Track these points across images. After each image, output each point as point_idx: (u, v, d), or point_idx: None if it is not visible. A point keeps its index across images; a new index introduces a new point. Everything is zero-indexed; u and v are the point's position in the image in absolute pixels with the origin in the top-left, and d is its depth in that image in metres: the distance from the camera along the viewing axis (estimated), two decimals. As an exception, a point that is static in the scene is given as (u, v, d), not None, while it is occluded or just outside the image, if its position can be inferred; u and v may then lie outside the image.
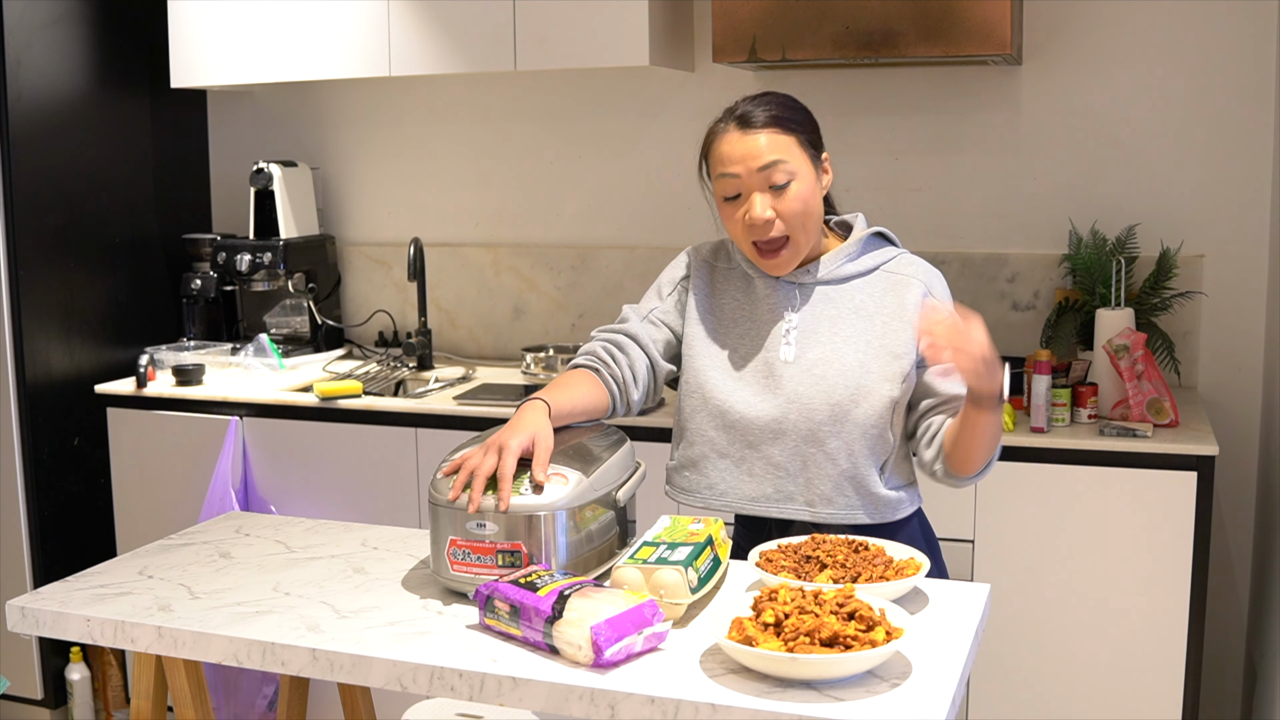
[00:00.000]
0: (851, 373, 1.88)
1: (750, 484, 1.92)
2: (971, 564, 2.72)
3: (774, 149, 1.85)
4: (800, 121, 1.89)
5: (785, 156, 1.85)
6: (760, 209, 1.84)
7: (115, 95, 3.66)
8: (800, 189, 1.86)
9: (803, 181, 1.86)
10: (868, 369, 1.88)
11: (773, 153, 1.85)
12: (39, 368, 3.41)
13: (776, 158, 1.84)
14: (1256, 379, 3.08)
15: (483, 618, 1.59)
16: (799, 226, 1.87)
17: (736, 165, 1.86)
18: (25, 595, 1.76)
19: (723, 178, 1.88)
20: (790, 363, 1.90)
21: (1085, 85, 3.14)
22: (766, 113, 1.87)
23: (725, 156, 1.87)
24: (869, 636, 1.42)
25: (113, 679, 3.56)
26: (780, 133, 1.86)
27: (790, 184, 1.85)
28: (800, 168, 1.86)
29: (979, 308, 3.25)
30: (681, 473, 2.00)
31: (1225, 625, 3.15)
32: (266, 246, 3.60)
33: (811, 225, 1.89)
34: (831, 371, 1.88)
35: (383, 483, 3.14)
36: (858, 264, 1.95)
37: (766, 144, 1.85)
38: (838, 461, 1.88)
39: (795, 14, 2.90)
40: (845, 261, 1.95)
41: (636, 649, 1.48)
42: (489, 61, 3.24)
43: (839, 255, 1.95)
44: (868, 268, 1.95)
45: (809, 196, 1.87)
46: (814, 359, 1.89)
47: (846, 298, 1.93)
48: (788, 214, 1.85)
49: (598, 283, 3.61)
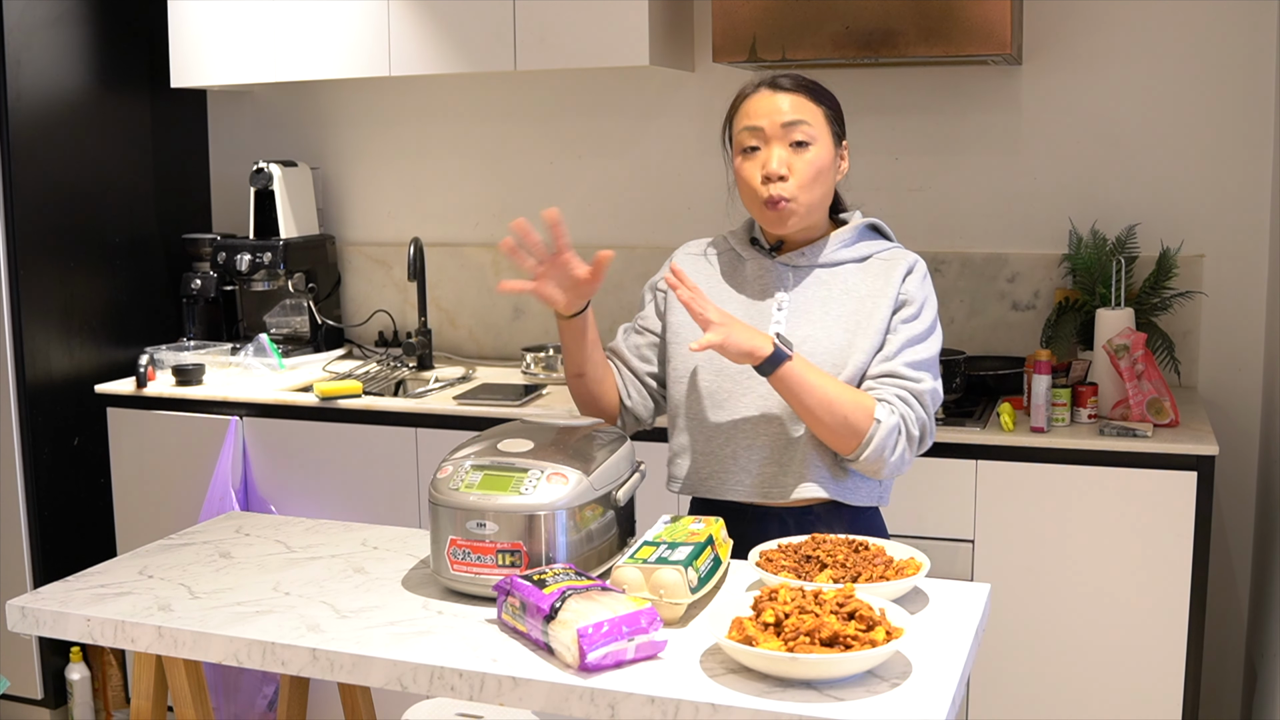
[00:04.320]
0: (839, 350, 1.90)
1: (734, 467, 1.93)
2: (971, 564, 2.72)
3: (800, 110, 1.91)
4: (829, 101, 1.96)
5: (810, 120, 1.90)
6: (777, 162, 1.89)
7: (115, 95, 3.66)
8: (818, 155, 1.90)
9: (821, 149, 1.91)
10: (854, 346, 1.90)
11: (798, 113, 1.90)
12: (39, 368, 3.41)
13: (801, 118, 1.90)
14: (1256, 379, 3.08)
15: (500, 612, 1.59)
16: (808, 188, 1.90)
17: (762, 119, 1.91)
18: (25, 595, 1.76)
19: (745, 130, 1.92)
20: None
21: (1085, 85, 3.14)
22: (799, 81, 1.94)
23: (751, 110, 1.93)
24: (869, 636, 1.42)
25: (113, 679, 3.56)
26: (809, 99, 1.92)
27: (810, 147, 1.90)
28: (821, 136, 1.91)
29: (979, 308, 3.26)
30: (675, 461, 2.02)
31: (1225, 625, 3.15)
32: (266, 246, 3.60)
33: (819, 196, 1.92)
34: (819, 349, 1.90)
35: (383, 483, 3.14)
36: (851, 250, 1.97)
37: (794, 104, 1.91)
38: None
39: (795, 14, 2.90)
40: (840, 247, 1.97)
41: (627, 656, 1.46)
42: (489, 61, 3.24)
43: (834, 241, 1.98)
44: (861, 255, 1.97)
45: (824, 166, 1.91)
46: (802, 336, 1.91)
47: (839, 280, 1.95)
48: (802, 174, 1.89)
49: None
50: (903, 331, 1.90)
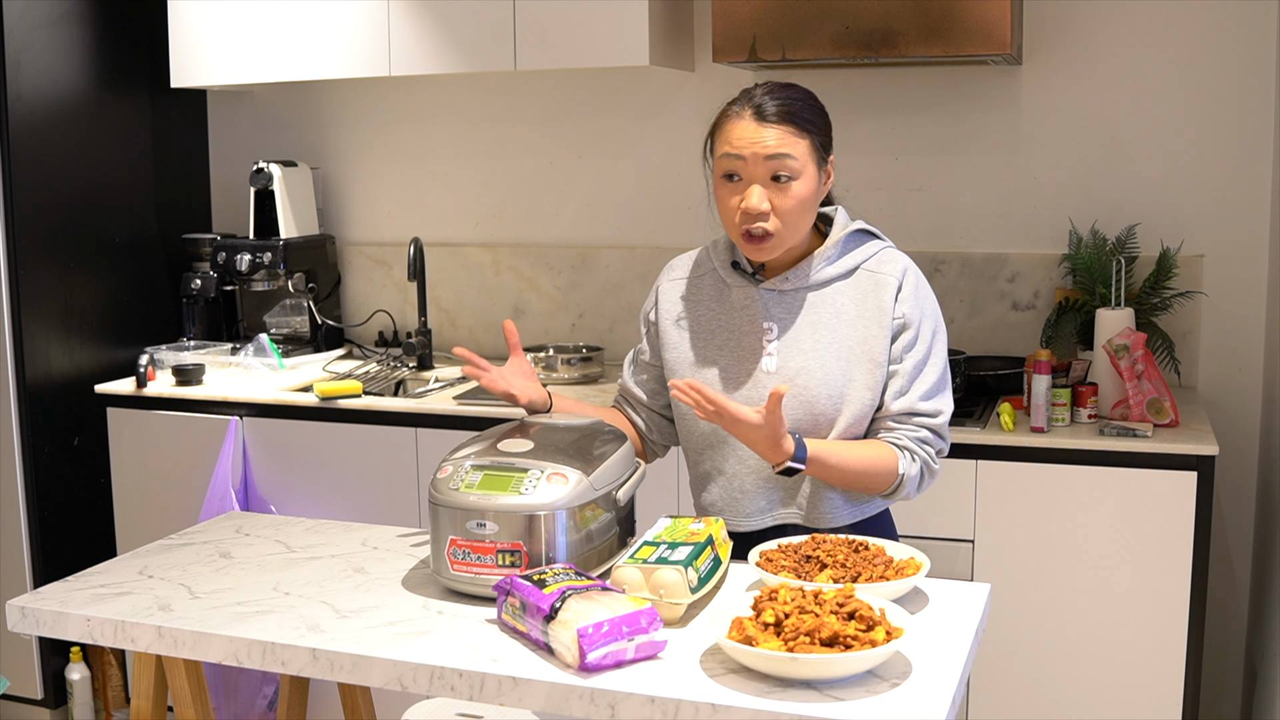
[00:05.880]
0: (834, 381, 1.88)
1: (743, 500, 1.93)
2: (971, 564, 2.72)
3: (784, 143, 1.83)
4: (817, 124, 1.88)
5: (794, 153, 1.83)
6: (758, 200, 1.83)
7: (115, 95, 3.66)
8: (801, 189, 1.85)
9: (805, 183, 1.85)
10: (850, 376, 1.88)
11: (782, 146, 1.83)
12: (39, 368, 3.41)
13: (785, 152, 1.83)
14: (1256, 379, 3.08)
15: (500, 612, 1.59)
16: (790, 224, 1.86)
17: (744, 149, 1.84)
18: (25, 595, 1.76)
19: (726, 157, 1.86)
20: (772, 373, 1.90)
21: (1085, 85, 3.14)
22: (785, 109, 1.85)
23: (734, 138, 1.85)
24: (869, 636, 1.42)
25: (113, 679, 3.56)
26: (794, 132, 1.84)
27: (792, 183, 1.84)
28: (805, 169, 1.85)
29: (979, 308, 3.26)
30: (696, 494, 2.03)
31: (1225, 625, 3.15)
32: (266, 246, 3.60)
33: (803, 225, 1.89)
34: (814, 382, 1.88)
35: (383, 483, 3.14)
36: (837, 266, 1.93)
37: (779, 139, 1.83)
38: None
39: (795, 14, 2.90)
40: (824, 265, 1.93)
41: (627, 656, 1.46)
42: (489, 61, 3.24)
43: (818, 259, 1.93)
44: (848, 269, 1.93)
45: (807, 197, 1.86)
46: (796, 368, 1.89)
47: (828, 302, 1.91)
48: (783, 211, 1.84)
49: (598, 283, 3.61)
50: (908, 362, 1.88)
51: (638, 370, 2.08)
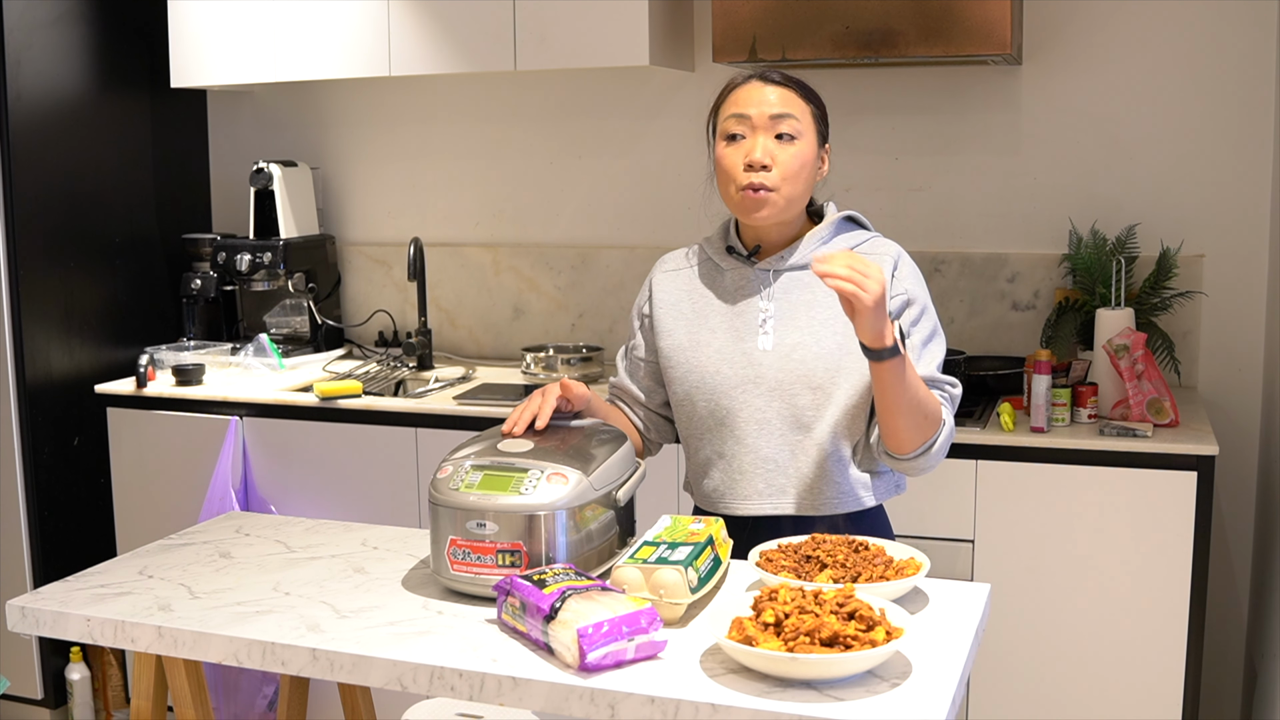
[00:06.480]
0: (830, 355, 1.89)
1: (743, 481, 1.93)
2: (971, 564, 2.72)
3: (788, 104, 1.91)
4: (816, 100, 1.96)
5: (797, 115, 1.90)
6: (761, 151, 1.88)
7: (115, 95, 3.66)
8: (802, 151, 1.90)
9: (805, 145, 1.91)
10: (846, 349, 1.89)
11: (786, 106, 1.90)
12: (39, 368, 3.41)
13: (789, 111, 1.90)
14: (1256, 379, 3.08)
15: (500, 612, 1.59)
16: (789, 183, 1.89)
17: (750, 108, 1.90)
18: (25, 595, 1.76)
19: (732, 118, 1.92)
20: (769, 351, 1.91)
21: (1085, 85, 3.14)
22: (789, 77, 1.94)
23: (740, 99, 1.93)
24: (869, 636, 1.42)
25: (113, 679, 3.56)
26: (797, 95, 1.92)
27: (796, 141, 1.90)
28: (807, 132, 1.91)
29: (979, 308, 3.26)
30: (691, 482, 2.03)
31: (1225, 625, 3.15)
32: (266, 246, 3.60)
33: (799, 190, 1.91)
34: (810, 355, 1.89)
35: (383, 483, 3.14)
36: (830, 247, 1.95)
37: (782, 97, 1.91)
38: (823, 445, 1.89)
39: (795, 14, 2.90)
40: (817, 245, 1.96)
41: (627, 656, 1.46)
42: (489, 61, 3.24)
43: (811, 240, 1.96)
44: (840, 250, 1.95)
45: (807, 162, 1.91)
46: (792, 344, 1.91)
47: (820, 281, 1.92)
48: (785, 165, 1.88)
49: (598, 282, 3.61)
50: (916, 335, 1.91)
51: (632, 367, 2.09)
